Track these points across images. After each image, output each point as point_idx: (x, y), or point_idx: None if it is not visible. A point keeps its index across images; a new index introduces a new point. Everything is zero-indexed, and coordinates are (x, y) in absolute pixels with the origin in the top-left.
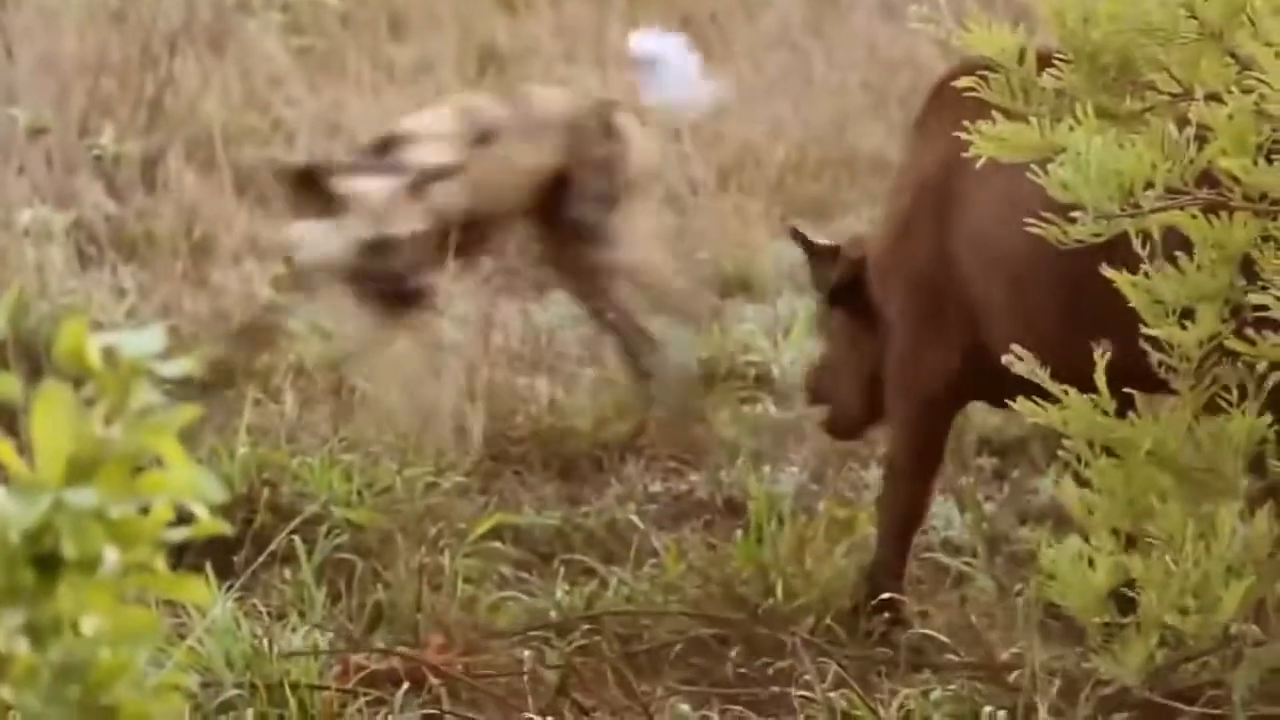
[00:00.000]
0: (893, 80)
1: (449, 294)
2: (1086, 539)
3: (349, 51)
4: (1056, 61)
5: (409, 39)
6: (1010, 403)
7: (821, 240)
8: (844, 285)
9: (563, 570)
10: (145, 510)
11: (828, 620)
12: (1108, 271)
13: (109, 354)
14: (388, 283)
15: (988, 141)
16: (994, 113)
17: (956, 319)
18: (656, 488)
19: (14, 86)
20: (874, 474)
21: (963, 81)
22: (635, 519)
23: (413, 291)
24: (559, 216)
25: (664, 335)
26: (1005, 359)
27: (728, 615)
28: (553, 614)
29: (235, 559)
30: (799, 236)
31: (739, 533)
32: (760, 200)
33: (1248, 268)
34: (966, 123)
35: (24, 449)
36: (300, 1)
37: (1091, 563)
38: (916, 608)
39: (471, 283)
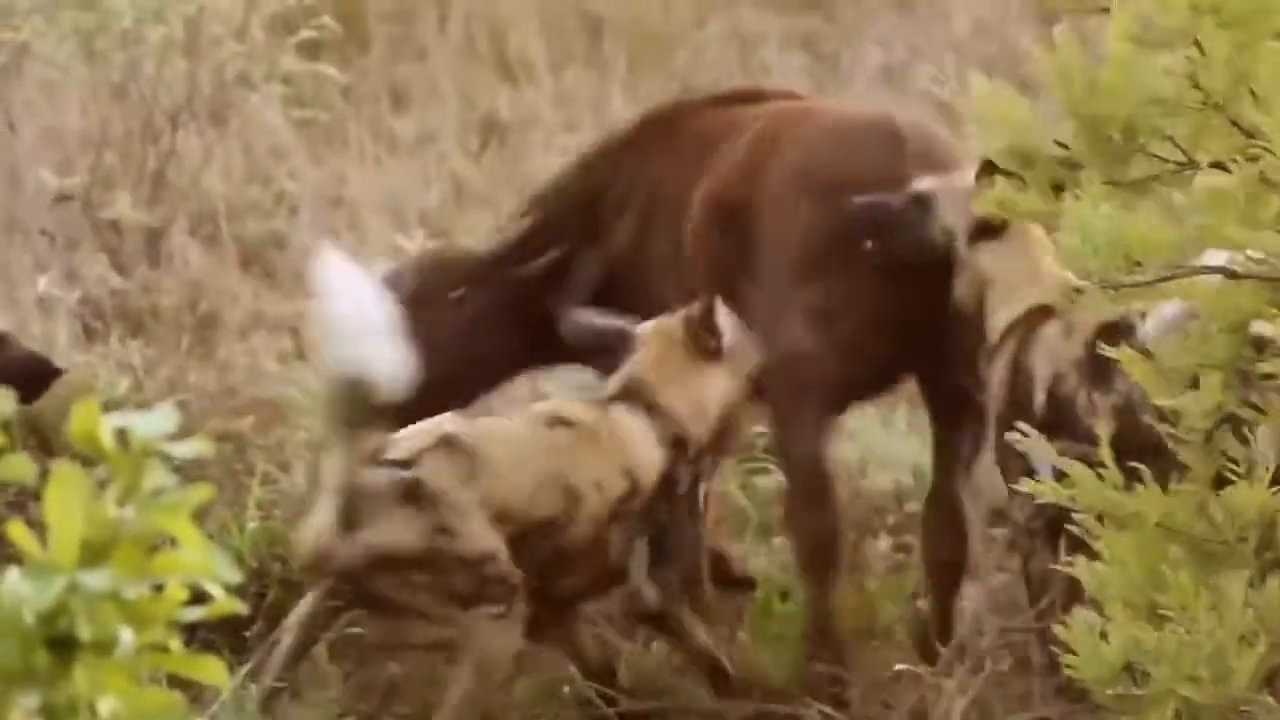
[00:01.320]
0: None
1: None
2: (1100, 611)
3: (351, 124)
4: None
5: (410, 111)
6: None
7: None
8: None
9: None
10: (159, 589)
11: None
12: (1108, 350)
13: (121, 435)
14: None
15: (990, 204)
16: None
17: None
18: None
19: (17, 160)
20: (884, 545)
21: None
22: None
23: None
24: None
25: None
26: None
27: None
28: (566, 689)
29: (247, 634)
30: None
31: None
32: None
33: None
34: None
35: (37, 529)
36: (302, 74)
37: (1105, 635)
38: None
39: None
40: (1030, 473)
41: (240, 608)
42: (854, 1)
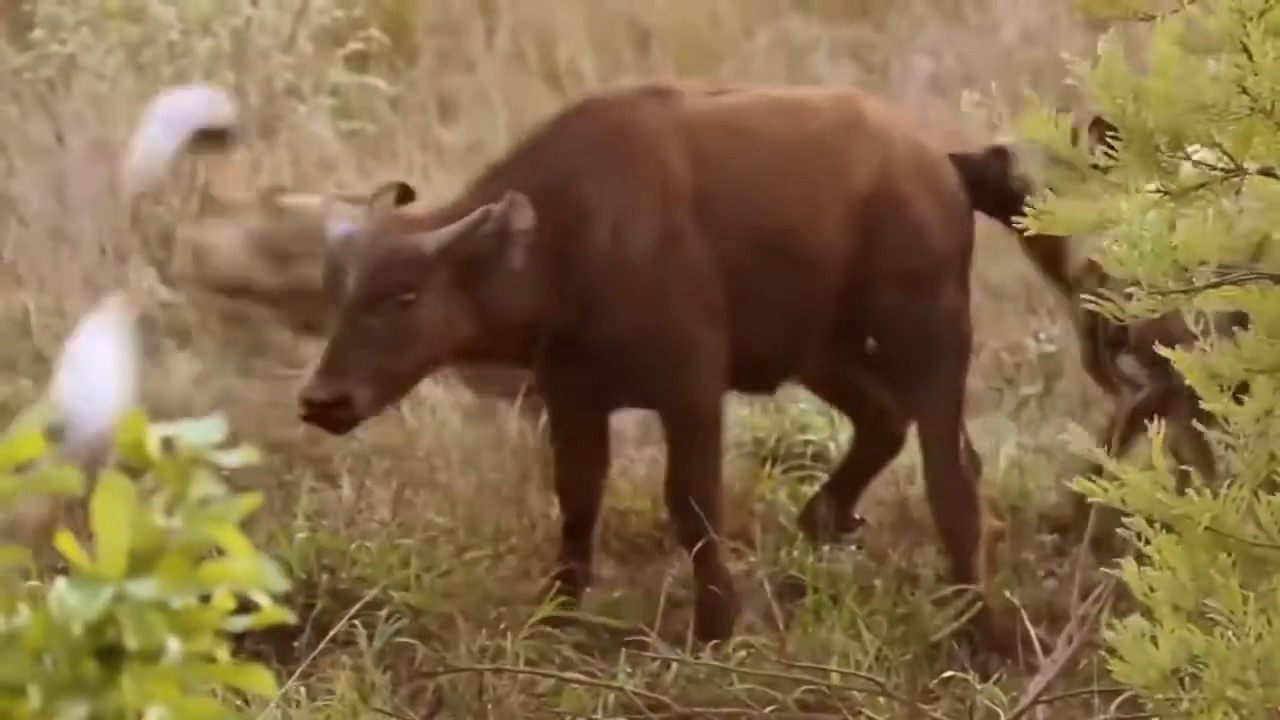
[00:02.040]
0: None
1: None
2: (1149, 616)
3: (399, 135)
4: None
5: (458, 122)
6: None
7: None
8: None
9: (624, 653)
10: (206, 599)
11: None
12: (1164, 350)
13: (168, 445)
14: None
15: (1036, 218)
16: None
17: None
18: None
19: (64, 172)
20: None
21: None
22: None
23: None
24: None
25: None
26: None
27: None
28: (612, 698)
29: (296, 644)
30: None
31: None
32: None
33: None
34: None
35: (85, 540)
36: (350, 86)
37: (1154, 640)
38: None
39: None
40: None
41: (288, 617)
42: (903, 10)
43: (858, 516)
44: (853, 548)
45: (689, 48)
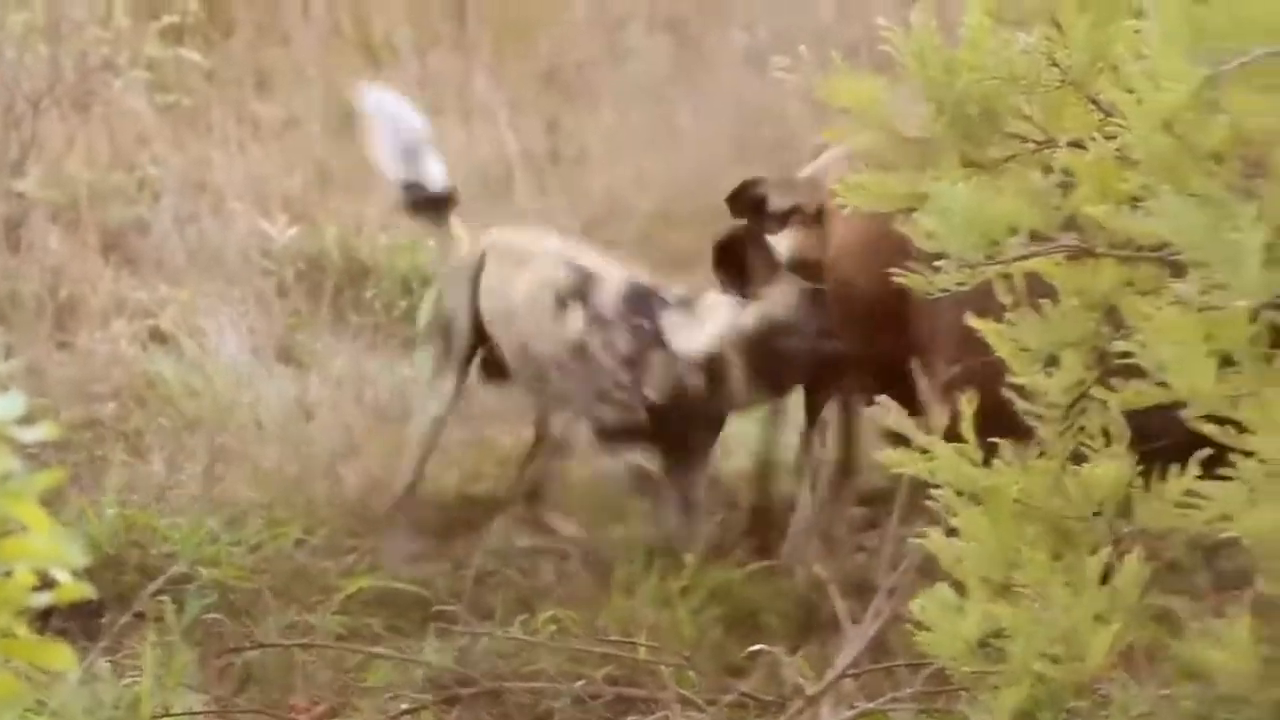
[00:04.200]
0: (758, 131)
1: (317, 351)
2: (957, 588)
3: (214, 108)
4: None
5: (274, 95)
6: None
7: None
8: None
9: (433, 628)
10: (7, 574)
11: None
12: (973, 321)
13: None
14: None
15: (852, 191)
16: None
17: None
18: (528, 543)
19: None
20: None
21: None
22: (511, 574)
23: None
24: None
25: None
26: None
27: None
28: (420, 673)
29: (103, 621)
30: None
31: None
32: (626, 252)
33: (1112, 314)
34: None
35: None
36: (165, 59)
37: (962, 612)
38: None
39: (340, 338)
40: None
41: (89, 592)
42: None
43: None
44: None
45: (506, 21)
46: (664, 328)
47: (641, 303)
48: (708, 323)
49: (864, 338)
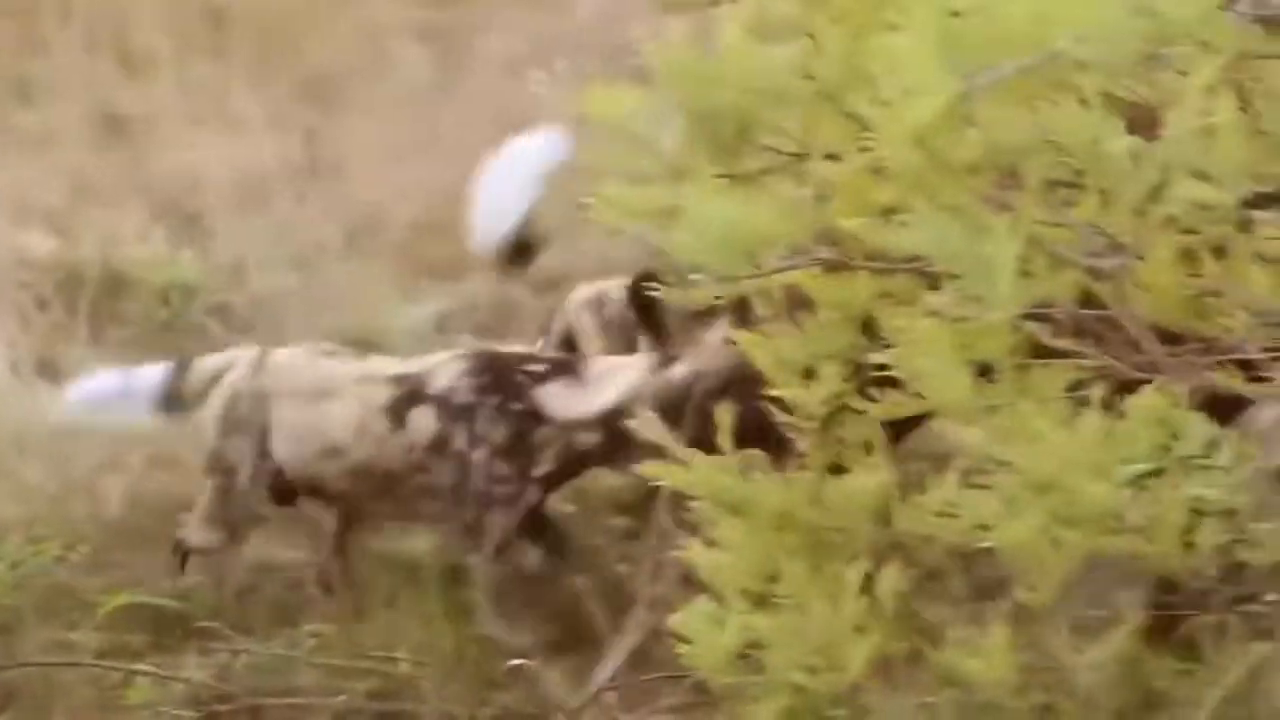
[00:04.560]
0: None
1: (83, 362)
2: (717, 600)
3: None
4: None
5: (32, 106)
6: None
7: None
8: None
9: (194, 644)
10: None
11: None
12: (734, 332)
13: None
14: None
15: (609, 207)
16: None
17: None
18: (290, 556)
19: None
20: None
21: None
22: (273, 588)
23: None
24: None
25: None
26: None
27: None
28: (180, 690)
29: None
30: None
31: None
32: (386, 262)
33: (869, 326)
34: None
35: None
36: None
37: (721, 623)
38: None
39: (99, 351)
40: None
41: None
42: None
43: None
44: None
45: (266, 30)
46: (539, 401)
47: (501, 379)
48: (607, 384)
49: None
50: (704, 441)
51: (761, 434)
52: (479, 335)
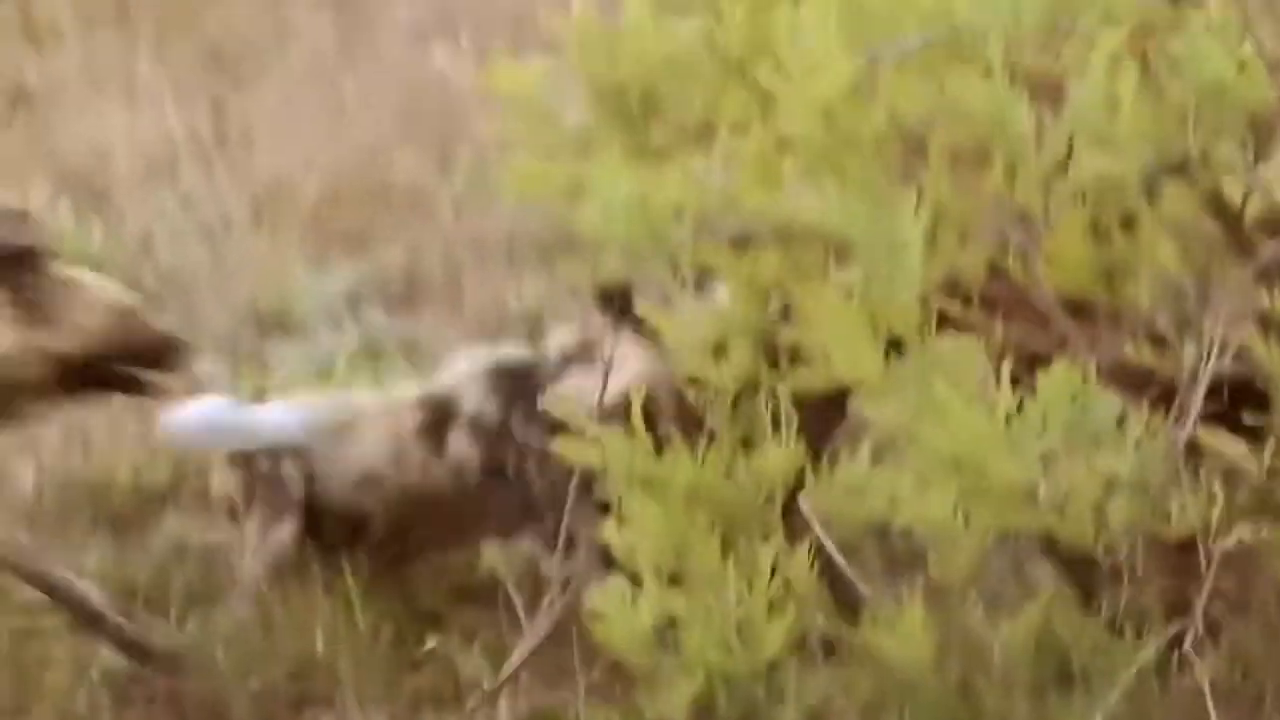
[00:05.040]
0: (424, 107)
1: None
2: (632, 578)
3: None
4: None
5: None
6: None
7: None
8: None
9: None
10: None
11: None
12: (643, 310)
13: None
14: None
15: (518, 179)
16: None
17: None
18: (207, 538)
19: None
20: None
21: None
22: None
23: None
24: None
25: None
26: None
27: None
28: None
29: None
30: None
31: None
32: (295, 234)
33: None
34: None
35: None
36: None
37: (635, 603)
38: None
39: None
40: None
41: None
42: None
43: None
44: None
45: (171, 1)
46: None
47: (520, 384)
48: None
49: None
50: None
51: None
52: (389, 309)
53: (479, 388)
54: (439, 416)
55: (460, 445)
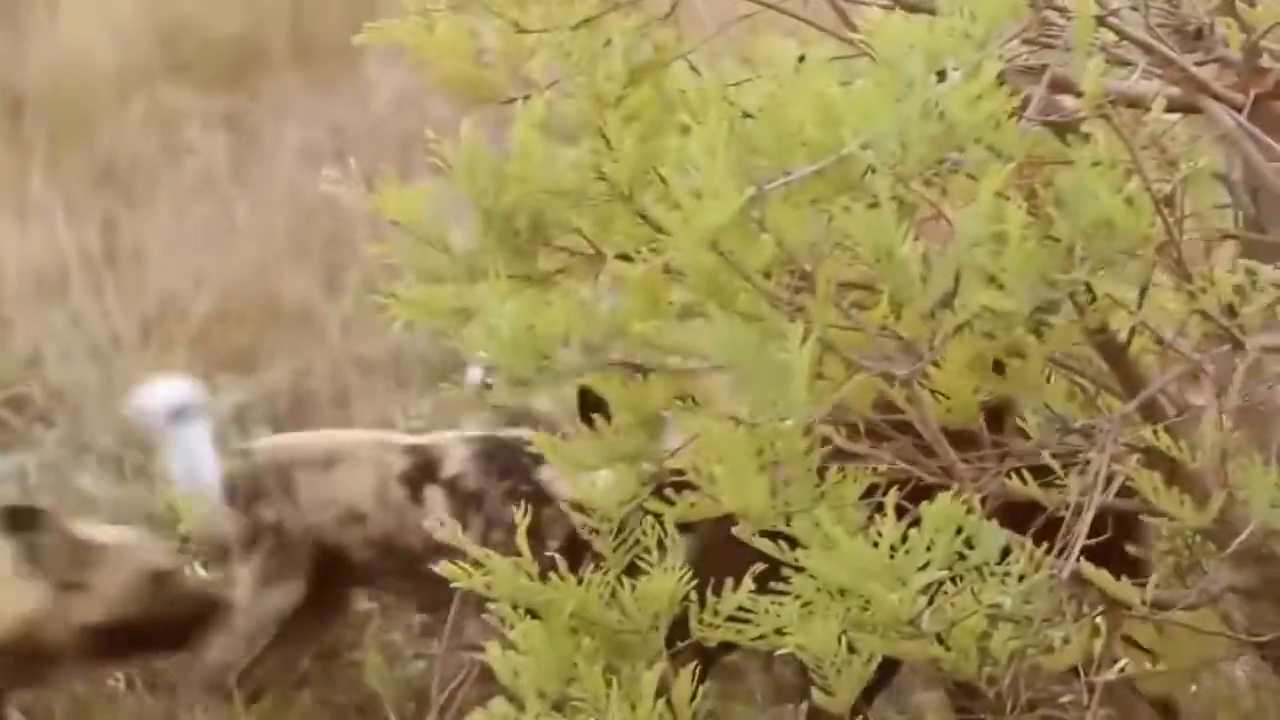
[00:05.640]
0: (314, 226)
1: None
2: (515, 702)
3: None
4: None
5: None
6: None
7: None
8: None
9: None
10: None
11: None
12: (529, 434)
13: None
14: None
15: (403, 305)
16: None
17: None
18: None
19: None
20: None
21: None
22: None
23: None
24: None
25: None
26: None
27: None
28: None
29: None
30: None
31: None
32: (183, 352)
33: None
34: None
35: None
36: None
37: None
38: None
39: None
40: None
41: None
42: (276, 77)
43: None
44: None
45: (62, 118)
46: (543, 480)
47: (508, 460)
48: None
49: None
50: None
51: None
52: (276, 428)
53: (466, 452)
54: (423, 467)
55: (436, 500)
